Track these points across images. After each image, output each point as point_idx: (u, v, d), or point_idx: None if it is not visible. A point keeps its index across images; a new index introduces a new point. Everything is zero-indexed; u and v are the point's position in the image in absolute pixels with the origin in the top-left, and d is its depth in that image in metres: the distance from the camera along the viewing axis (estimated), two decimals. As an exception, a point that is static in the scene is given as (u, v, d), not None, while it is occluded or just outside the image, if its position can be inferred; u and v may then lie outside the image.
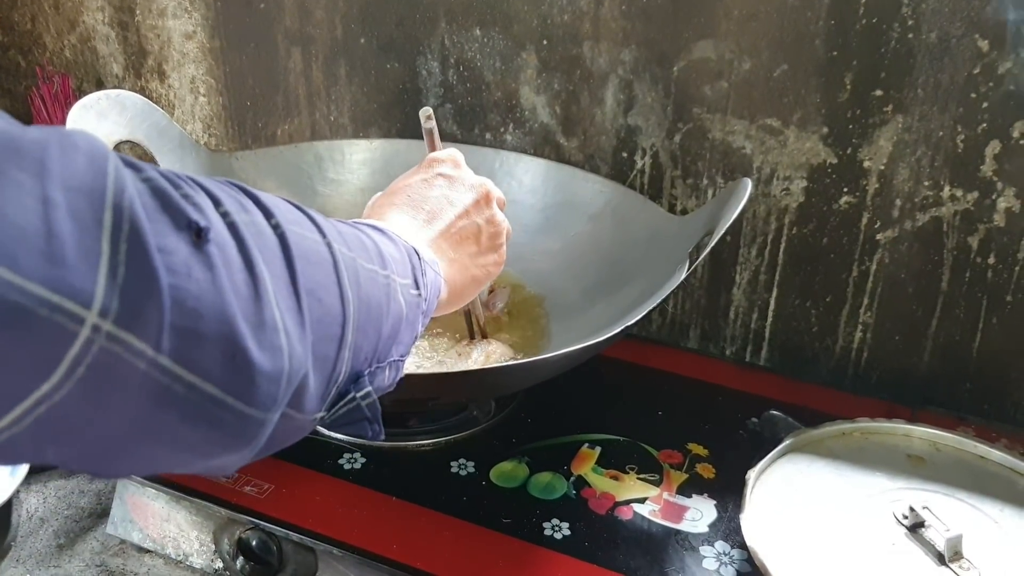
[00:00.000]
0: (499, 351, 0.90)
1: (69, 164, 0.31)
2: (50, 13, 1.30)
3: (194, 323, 0.34)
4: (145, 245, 0.32)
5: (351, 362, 0.45)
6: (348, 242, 0.46)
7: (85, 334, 0.30)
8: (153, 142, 0.91)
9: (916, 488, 0.77)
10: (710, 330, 1.04)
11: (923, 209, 0.89)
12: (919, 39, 0.83)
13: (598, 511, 0.77)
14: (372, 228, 0.54)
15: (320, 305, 0.41)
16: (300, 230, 0.42)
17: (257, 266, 0.38)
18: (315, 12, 1.10)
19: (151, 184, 0.34)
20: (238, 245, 0.37)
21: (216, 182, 0.40)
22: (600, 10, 0.95)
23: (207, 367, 0.35)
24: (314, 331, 0.41)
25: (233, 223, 0.38)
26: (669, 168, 0.99)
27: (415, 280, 0.54)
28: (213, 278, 0.35)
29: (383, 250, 0.51)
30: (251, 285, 0.37)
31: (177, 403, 0.34)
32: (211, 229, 0.35)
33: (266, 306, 0.37)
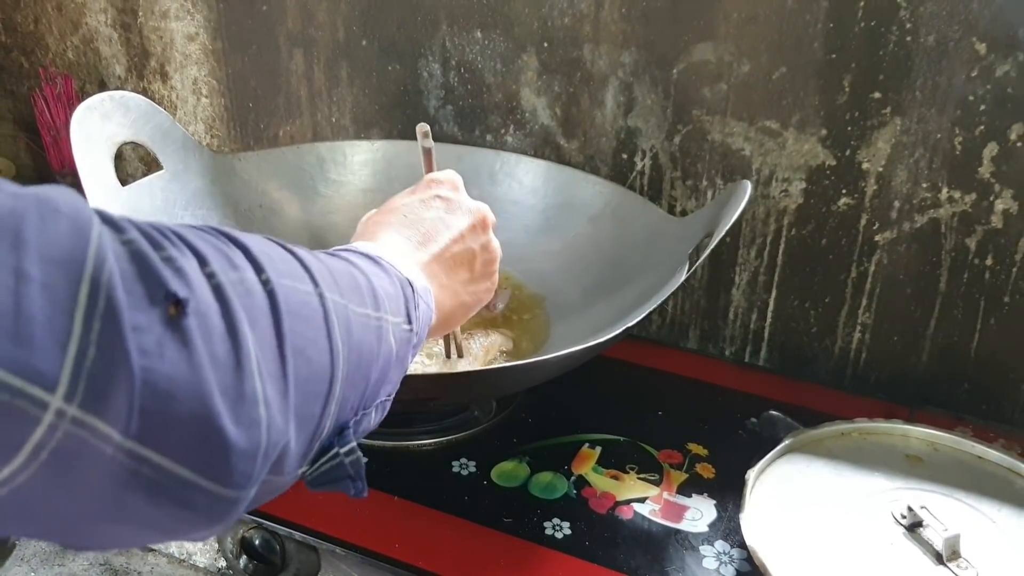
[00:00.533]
0: (498, 341, 0.90)
1: (48, 233, 0.30)
2: (53, 15, 1.31)
3: (166, 406, 0.32)
4: (119, 324, 0.31)
5: (336, 416, 0.43)
6: (341, 285, 0.45)
7: (49, 419, 0.29)
8: (156, 143, 0.91)
9: (914, 488, 0.77)
10: (710, 330, 1.05)
11: (921, 211, 0.90)
12: (917, 42, 0.84)
13: (598, 510, 0.78)
14: (366, 259, 0.52)
15: (308, 364, 0.40)
16: (291, 282, 0.41)
17: (241, 332, 0.36)
18: (317, 14, 1.10)
19: (131, 247, 0.33)
20: (222, 310, 0.35)
21: (204, 235, 0.38)
22: (600, 13, 0.96)
23: (179, 449, 0.33)
24: (299, 394, 0.39)
25: (219, 285, 0.36)
26: (669, 170, 0.99)
27: (407, 315, 0.52)
28: (189, 356, 0.33)
29: (376, 287, 0.49)
30: (233, 354, 0.35)
31: (145, 486, 0.33)
32: (191, 299, 0.34)
33: (247, 377, 0.36)
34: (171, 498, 0.34)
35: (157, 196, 0.91)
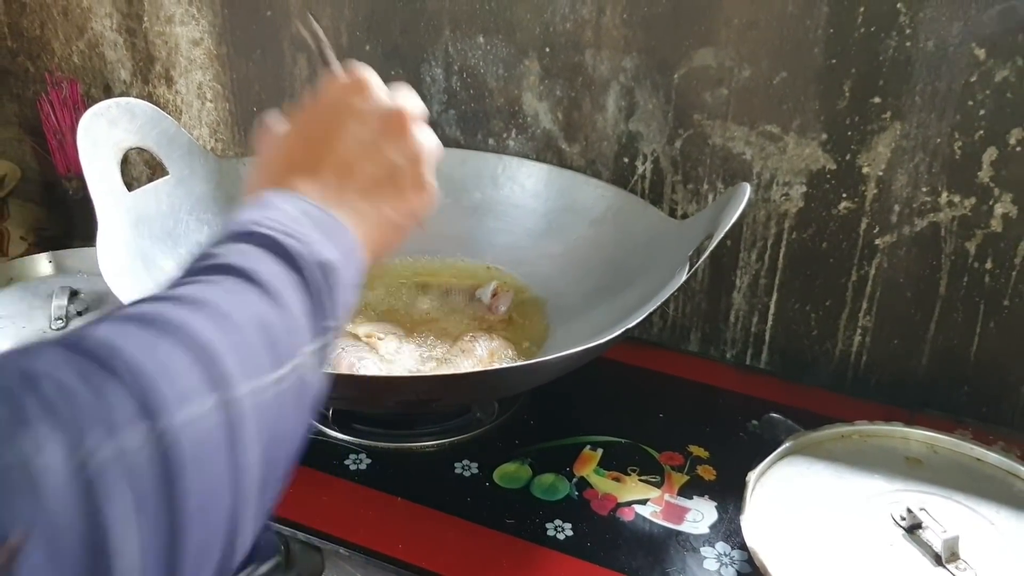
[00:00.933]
0: (502, 347, 0.91)
1: None
2: (59, 19, 1.32)
3: None
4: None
5: (252, 524, 0.37)
6: (250, 360, 0.38)
7: None
8: (162, 149, 0.92)
9: (914, 490, 0.78)
10: (711, 333, 1.05)
11: (921, 215, 0.90)
12: (917, 47, 0.84)
13: (600, 512, 0.78)
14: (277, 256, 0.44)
15: (205, 524, 0.34)
16: (191, 409, 0.33)
17: (112, 541, 0.29)
18: (321, 20, 1.11)
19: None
20: (89, 514, 0.29)
21: (81, 372, 0.32)
22: (602, 18, 0.96)
23: None
24: (192, 567, 0.33)
25: (89, 478, 0.29)
26: (670, 173, 1.00)
27: (326, 309, 0.45)
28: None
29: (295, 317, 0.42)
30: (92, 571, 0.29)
31: None
32: (36, 524, 0.28)
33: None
34: None
35: (163, 201, 0.92)
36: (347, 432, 0.86)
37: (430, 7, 1.05)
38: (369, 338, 0.92)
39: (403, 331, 0.94)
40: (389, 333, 0.93)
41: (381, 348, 0.90)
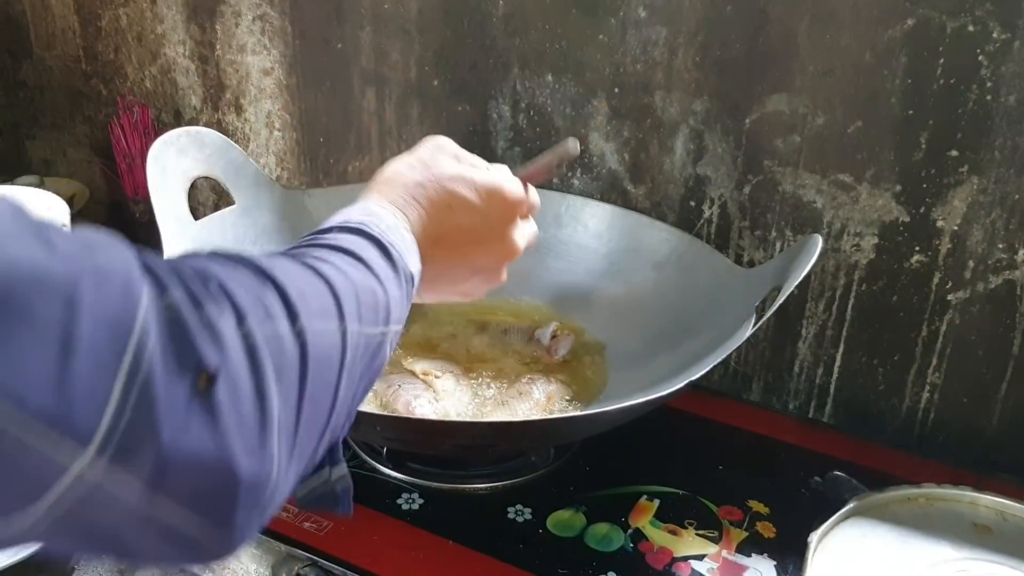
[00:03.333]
0: (560, 391, 0.90)
1: (101, 297, 0.32)
2: (133, 44, 1.34)
3: (188, 467, 0.34)
4: (154, 395, 0.33)
5: (329, 440, 0.45)
6: (362, 309, 0.46)
7: (77, 470, 0.31)
8: (229, 178, 0.93)
9: (982, 559, 0.75)
10: (773, 383, 1.03)
11: (996, 271, 0.88)
12: (997, 101, 0.82)
13: (655, 566, 0.76)
14: (385, 257, 0.52)
15: (316, 409, 0.41)
16: (321, 324, 0.42)
17: (268, 393, 0.37)
18: (391, 54, 1.12)
19: (171, 313, 0.34)
20: (252, 370, 0.37)
21: (244, 279, 0.39)
22: (674, 61, 0.96)
23: (192, 500, 0.35)
24: (304, 438, 0.40)
25: (253, 345, 0.37)
26: (737, 219, 0.98)
27: (403, 309, 0.53)
28: (214, 426, 0.35)
29: (391, 301, 0.50)
30: (258, 416, 0.37)
31: (157, 529, 0.35)
32: (223, 366, 0.35)
33: (268, 436, 0.37)
34: (178, 539, 0.36)
35: (228, 230, 0.93)
36: (401, 471, 0.85)
37: (500, 44, 1.05)
38: (426, 375, 0.91)
39: (460, 369, 0.93)
40: (446, 371, 0.92)
41: (437, 386, 0.90)
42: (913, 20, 0.83)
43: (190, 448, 0.34)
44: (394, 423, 0.79)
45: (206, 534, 0.36)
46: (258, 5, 1.19)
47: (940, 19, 0.82)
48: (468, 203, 0.62)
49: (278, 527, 0.78)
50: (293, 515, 0.80)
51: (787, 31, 0.89)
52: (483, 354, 0.97)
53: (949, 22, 0.82)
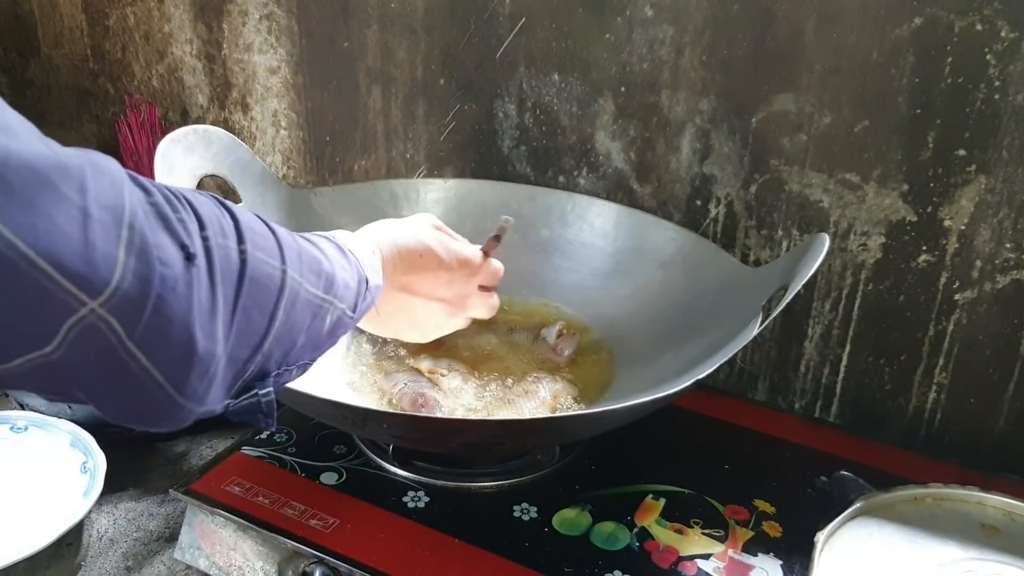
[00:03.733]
0: (565, 390, 0.90)
1: (99, 185, 0.41)
2: (140, 43, 1.35)
3: (164, 324, 0.43)
4: (150, 258, 0.42)
5: (261, 364, 0.53)
6: (304, 267, 0.54)
7: (83, 312, 0.40)
8: (236, 176, 0.93)
9: (989, 559, 0.75)
10: (779, 383, 1.03)
11: (1004, 271, 0.87)
12: (1006, 100, 0.82)
13: (661, 565, 0.76)
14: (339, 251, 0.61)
15: (249, 321, 0.49)
16: (263, 256, 0.50)
17: (217, 287, 0.46)
18: (397, 52, 1.12)
19: (156, 208, 0.44)
20: (209, 267, 0.46)
21: (208, 203, 0.48)
22: (680, 60, 0.96)
23: (160, 358, 0.44)
24: (236, 340, 0.48)
25: (209, 248, 0.46)
26: (743, 218, 0.98)
27: (355, 305, 0.61)
28: (190, 294, 0.44)
29: (336, 277, 0.58)
30: (212, 302, 0.46)
31: (129, 375, 0.43)
32: (196, 254, 0.45)
33: (216, 321, 0.46)
34: (141, 393, 0.45)
35: (235, 228, 0.93)
36: (407, 469, 0.85)
37: (506, 43, 1.05)
38: (432, 373, 0.91)
39: (466, 368, 0.93)
40: (452, 369, 0.92)
41: (443, 384, 0.90)
42: (921, 19, 0.83)
43: (171, 304, 0.43)
44: (401, 421, 0.79)
45: (164, 394, 0.45)
46: (265, 4, 1.19)
47: (948, 18, 0.82)
48: (438, 258, 0.76)
49: (284, 524, 0.79)
50: (299, 512, 0.80)
51: (794, 30, 0.89)
52: (489, 353, 0.97)
53: (957, 21, 0.82)
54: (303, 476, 0.85)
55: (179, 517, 0.86)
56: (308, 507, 0.81)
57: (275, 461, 0.87)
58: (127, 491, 0.95)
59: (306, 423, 0.91)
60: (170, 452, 1.02)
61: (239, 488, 0.83)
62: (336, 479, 0.85)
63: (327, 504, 0.81)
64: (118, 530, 0.91)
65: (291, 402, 0.80)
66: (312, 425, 0.91)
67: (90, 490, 0.87)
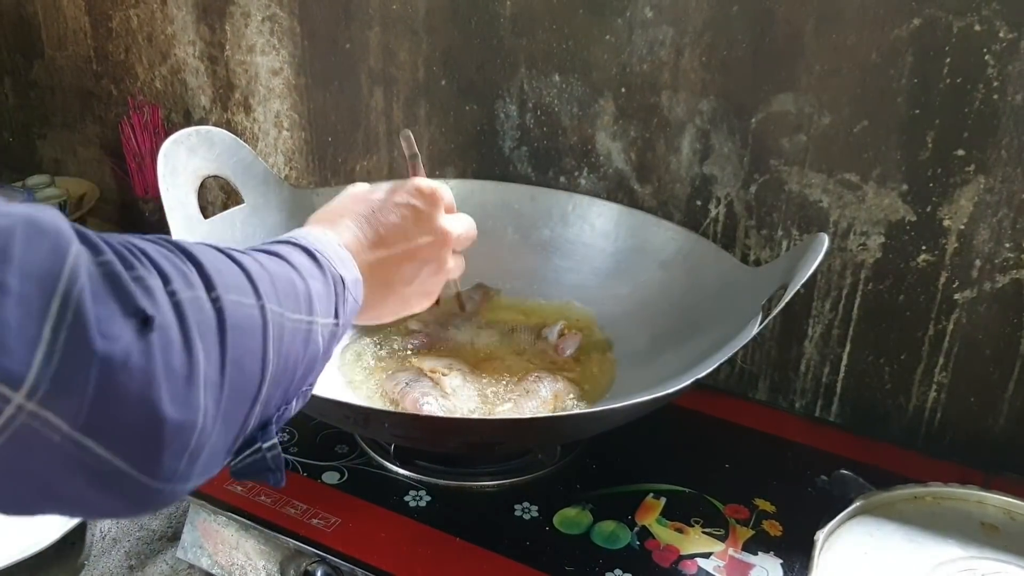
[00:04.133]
0: (567, 389, 0.90)
1: (31, 251, 0.34)
2: (143, 45, 1.35)
3: (116, 406, 0.37)
4: (85, 333, 0.35)
5: (261, 415, 0.48)
6: (280, 294, 0.49)
7: (9, 412, 0.34)
8: (239, 177, 0.93)
9: (989, 558, 0.75)
10: (780, 382, 1.03)
11: (1003, 271, 0.88)
12: (1004, 101, 0.82)
13: (662, 564, 0.77)
14: (307, 255, 0.56)
15: (241, 374, 0.44)
16: (237, 296, 0.45)
17: (195, 347, 0.40)
18: (399, 54, 1.12)
19: (106, 268, 0.37)
20: (180, 326, 0.40)
21: (165, 252, 0.42)
22: (680, 61, 0.96)
23: (118, 444, 0.38)
24: (230, 400, 0.43)
25: (178, 303, 0.40)
26: (743, 218, 0.99)
27: (335, 311, 0.56)
28: (147, 366, 0.37)
29: (312, 291, 0.53)
30: (187, 367, 0.40)
31: (86, 472, 0.37)
32: (156, 315, 0.38)
33: (195, 388, 0.40)
34: (106, 484, 0.38)
35: (237, 229, 0.94)
36: (408, 468, 0.86)
37: (507, 45, 1.05)
38: (433, 373, 0.91)
39: (467, 367, 0.94)
40: (453, 369, 0.92)
41: (445, 383, 0.90)
42: (920, 20, 0.83)
43: (122, 382, 0.36)
44: (402, 420, 0.80)
45: (133, 482, 0.39)
46: (267, 6, 1.20)
47: (947, 18, 0.82)
48: (390, 202, 0.69)
49: (286, 523, 0.79)
50: (301, 512, 0.80)
51: (793, 31, 0.89)
52: (490, 352, 0.97)
53: (956, 21, 0.82)
54: (305, 475, 0.86)
55: (182, 516, 0.86)
56: (310, 506, 0.81)
57: (277, 460, 0.87)
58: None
59: (308, 423, 0.91)
60: (173, 452, 1.03)
61: (241, 487, 0.83)
62: (338, 478, 0.85)
63: (329, 503, 0.82)
64: (121, 529, 0.91)
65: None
66: (314, 425, 0.91)
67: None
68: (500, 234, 1.07)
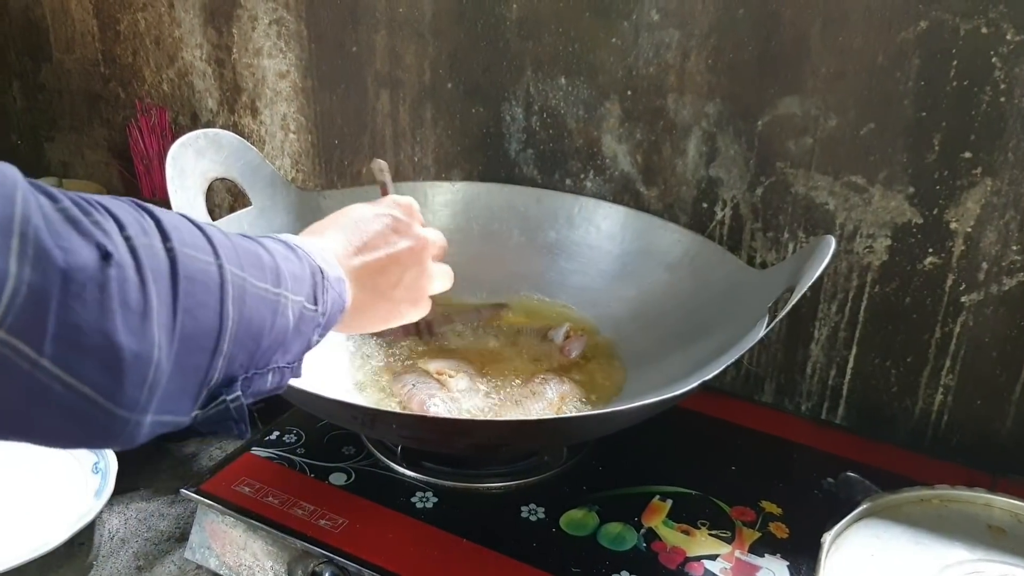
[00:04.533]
0: (573, 391, 0.90)
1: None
2: (151, 48, 1.36)
3: (75, 333, 0.39)
4: (48, 264, 0.38)
5: (225, 369, 0.50)
6: (243, 261, 0.51)
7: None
8: (246, 179, 0.94)
9: (996, 560, 0.75)
10: (786, 385, 1.03)
11: (1010, 273, 0.88)
12: (1011, 103, 0.82)
13: (668, 565, 0.77)
14: (284, 245, 0.58)
15: (195, 322, 0.46)
16: (193, 252, 0.47)
17: (148, 286, 0.43)
18: (405, 57, 1.13)
19: (65, 213, 0.40)
20: (136, 266, 0.43)
21: (124, 206, 0.45)
22: (686, 64, 0.96)
23: (83, 369, 0.40)
24: (183, 344, 0.45)
25: (134, 247, 0.43)
26: (750, 220, 0.99)
27: (314, 297, 0.58)
28: (103, 297, 0.40)
29: (281, 268, 0.55)
30: (143, 303, 0.42)
31: (55, 399, 0.40)
32: (115, 253, 0.41)
33: (149, 322, 0.43)
34: (74, 412, 0.41)
35: (245, 230, 0.93)
36: (415, 470, 0.86)
37: (513, 48, 1.05)
38: (440, 375, 0.92)
39: (474, 369, 0.94)
40: (460, 370, 0.93)
41: (451, 385, 0.90)
42: (926, 22, 0.84)
43: (77, 312, 0.39)
44: (409, 421, 0.80)
45: (100, 409, 0.42)
46: (274, 9, 1.20)
47: (953, 21, 0.82)
48: (371, 213, 0.72)
49: (294, 524, 0.79)
50: (308, 513, 0.80)
51: (799, 33, 0.89)
52: (497, 354, 0.98)
53: (962, 24, 0.82)
54: (312, 476, 0.86)
55: (190, 517, 0.86)
56: (317, 507, 0.81)
57: (284, 462, 0.87)
58: (138, 491, 0.96)
59: (315, 424, 0.92)
60: (180, 453, 1.03)
61: (249, 488, 0.83)
62: (345, 480, 0.85)
63: (336, 504, 0.82)
64: (129, 530, 0.91)
65: (301, 403, 0.80)
66: (321, 426, 0.92)
67: (102, 490, 0.88)
68: (506, 236, 1.08)
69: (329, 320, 0.60)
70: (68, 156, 1.56)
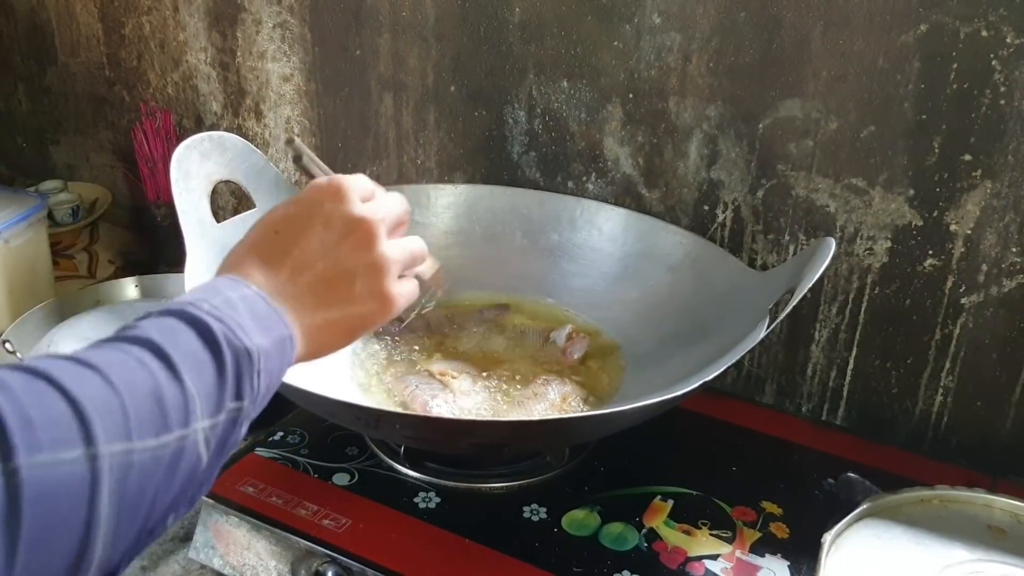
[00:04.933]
0: (575, 392, 0.91)
1: None
2: (156, 52, 1.37)
3: None
4: None
5: (100, 569, 0.42)
6: (131, 422, 0.42)
7: None
8: (251, 182, 0.94)
9: (996, 561, 0.75)
10: (787, 386, 1.04)
11: (1010, 275, 0.88)
12: (1011, 106, 0.83)
13: (669, 565, 0.77)
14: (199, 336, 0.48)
15: (46, 551, 0.38)
16: (50, 455, 0.39)
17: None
18: (408, 60, 1.13)
19: None
20: None
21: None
22: (687, 66, 0.97)
23: None
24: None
25: None
26: (751, 223, 0.99)
27: (239, 393, 0.49)
28: None
29: (189, 393, 0.46)
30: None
31: None
32: None
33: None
34: None
35: (248, 232, 0.94)
36: (418, 470, 0.86)
37: (515, 51, 1.06)
38: (443, 376, 0.92)
39: (476, 370, 0.94)
40: (462, 372, 0.93)
41: (454, 386, 0.91)
42: (926, 25, 0.84)
43: None
44: (413, 421, 0.81)
45: None
46: (278, 13, 1.21)
47: (953, 24, 0.83)
48: (292, 216, 0.59)
49: (297, 524, 0.80)
50: (312, 513, 0.81)
51: (800, 36, 0.90)
52: (499, 355, 0.98)
53: (962, 27, 0.83)
54: (316, 477, 0.86)
55: (194, 517, 0.87)
56: (321, 507, 0.82)
57: (288, 462, 0.88)
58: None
59: (319, 425, 0.92)
60: (184, 454, 1.03)
61: (253, 488, 0.84)
62: (348, 480, 0.86)
63: (339, 504, 0.82)
64: (134, 530, 0.92)
65: (304, 404, 0.81)
66: (325, 427, 0.92)
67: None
68: (508, 239, 1.08)
69: (263, 399, 0.52)
70: (73, 159, 1.57)
